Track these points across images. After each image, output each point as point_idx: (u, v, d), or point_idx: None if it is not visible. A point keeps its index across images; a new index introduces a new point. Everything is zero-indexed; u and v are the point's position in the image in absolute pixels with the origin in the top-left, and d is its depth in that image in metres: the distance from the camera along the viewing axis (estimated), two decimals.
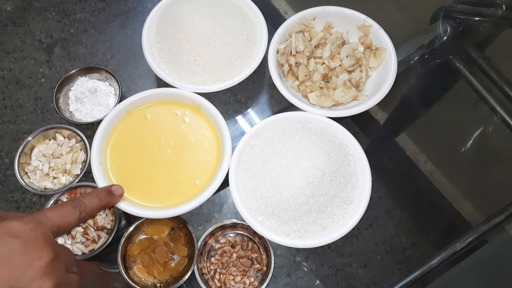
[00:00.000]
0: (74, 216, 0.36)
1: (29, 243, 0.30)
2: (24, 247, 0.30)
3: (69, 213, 0.36)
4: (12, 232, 0.30)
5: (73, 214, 0.36)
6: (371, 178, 0.49)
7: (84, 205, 0.38)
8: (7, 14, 0.70)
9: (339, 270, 0.55)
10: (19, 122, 0.62)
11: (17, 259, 0.29)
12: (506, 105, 0.60)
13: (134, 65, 0.65)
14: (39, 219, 0.33)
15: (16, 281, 0.29)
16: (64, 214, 0.36)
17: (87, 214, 0.38)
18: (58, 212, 0.35)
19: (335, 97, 0.53)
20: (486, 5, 0.62)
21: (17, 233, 0.31)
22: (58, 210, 0.35)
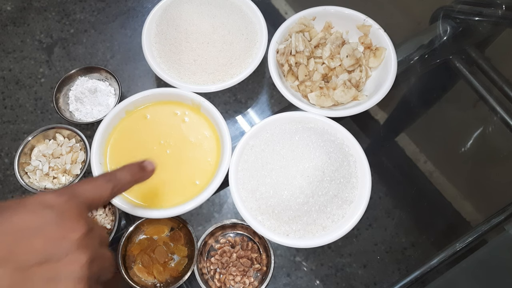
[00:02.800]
0: (107, 189, 0.35)
1: (64, 215, 0.30)
2: (59, 219, 0.29)
3: (102, 187, 0.35)
4: (46, 204, 0.30)
5: (106, 187, 0.35)
6: (371, 178, 0.49)
7: (117, 179, 0.36)
8: (7, 14, 0.70)
9: (339, 270, 0.55)
10: (19, 122, 0.62)
11: (52, 231, 0.28)
12: (506, 105, 0.60)
13: (134, 65, 0.65)
14: (73, 192, 0.32)
15: (51, 253, 0.28)
16: (98, 187, 0.34)
17: (119, 188, 0.37)
18: (92, 185, 0.34)
19: (335, 97, 0.53)
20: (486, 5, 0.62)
21: (52, 205, 0.30)
22: (91, 183, 0.34)
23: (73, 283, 0.28)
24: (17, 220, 0.28)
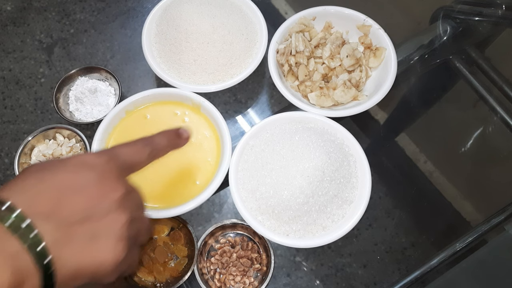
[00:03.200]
0: (145, 153, 0.35)
1: (104, 175, 0.30)
2: (100, 179, 0.29)
3: (140, 151, 0.35)
4: (87, 164, 0.30)
5: (144, 152, 0.35)
6: (371, 178, 0.49)
7: (154, 144, 0.36)
8: (7, 14, 0.70)
9: (339, 270, 0.55)
10: (19, 122, 0.62)
11: (93, 190, 0.29)
12: (506, 105, 0.60)
13: (134, 65, 0.65)
14: (112, 153, 0.32)
15: (92, 211, 0.28)
16: (136, 151, 0.35)
17: (156, 153, 0.37)
18: (130, 149, 0.34)
19: (335, 97, 0.53)
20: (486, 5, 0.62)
21: (92, 165, 0.30)
22: (130, 146, 0.34)
23: (114, 241, 0.29)
24: (60, 178, 0.28)
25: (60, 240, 0.26)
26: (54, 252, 0.26)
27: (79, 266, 0.27)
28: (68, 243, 0.27)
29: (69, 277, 0.27)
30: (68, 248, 0.27)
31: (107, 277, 0.30)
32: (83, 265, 0.27)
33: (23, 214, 0.26)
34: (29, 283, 0.25)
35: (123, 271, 0.31)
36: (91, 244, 0.28)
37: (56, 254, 0.26)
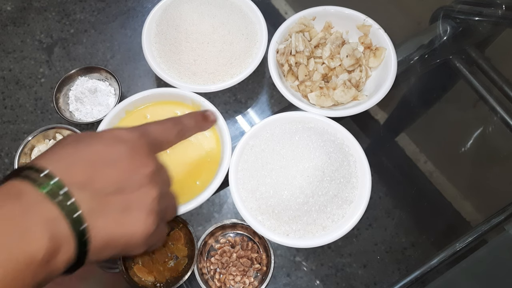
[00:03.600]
0: (173, 133, 0.36)
1: (136, 151, 0.30)
2: (132, 153, 0.30)
3: (169, 129, 0.36)
4: (120, 139, 0.31)
5: (173, 131, 0.36)
6: (371, 178, 0.49)
7: (182, 124, 0.37)
8: (7, 14, 0.70)
9: (339, 270, 0.55)
10: (19, 122, 0.62)
11: (126, 164, 0.29)
12: (506, 105, 0.60)
13: (134, 65, 0.65)
14: (143, 130, 0.33)
15: (125, 184, 0.29)
16: (165, 129, 0.35)
17: (184, 133, 0.37)
18: (160, 127, 0.35)
19: (335, 97, 0.53)
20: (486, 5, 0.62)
21: (125, 140, 0.31)
22: (160, 125, 0.35)
23: (145, 214, 0.29)
24: (95, 150, 0.29)
25: (94, 209, 0.27)
26: (89, 220, 0.27)
27: (111, 236, 0.28)
28: (102, 213, 0.27)
29: (101, 246, 0.28)
30: (102, 218, 0.27)
31: (137, 249, 0.30)
32: (115, 235, 0.28)
33: (61, 182, 0.26)
34: (64, 249, 0.26)
35: (151, 245, 0.32)
36: (123, 216, 0.28)
37: (91, 223, 0.27)
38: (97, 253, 0.28)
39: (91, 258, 0.28)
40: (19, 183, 0.26)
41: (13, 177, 0.27)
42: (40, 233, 0.24)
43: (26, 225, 0.24)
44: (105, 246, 0.28)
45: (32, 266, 0.24)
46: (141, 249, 0.31)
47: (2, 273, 0.23)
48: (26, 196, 0.25)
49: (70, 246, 0.26)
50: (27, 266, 0.24)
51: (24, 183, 0.26)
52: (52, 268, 0.25)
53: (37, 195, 0.25)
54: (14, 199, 0.25)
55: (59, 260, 0.25)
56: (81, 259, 0.27)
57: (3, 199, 0.25)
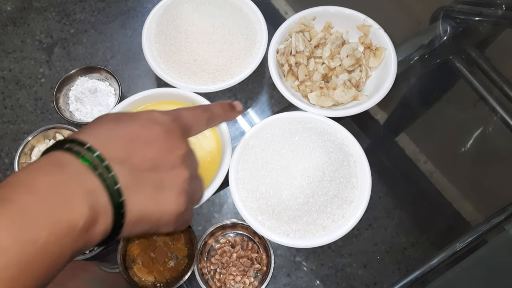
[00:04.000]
0: (204, 119, 0.37)
1: (170, 133, 0.32)
2: (167, 135, 0.31)
3: (200, 116, 0.37)
4: (156, 120, 0.32)
5: (203, 117, 0.37)
6: (371, 178, 0.49)
7: (211, 111, 0.38)
8: (7, 14, 0.70)
9: (339, 270, 0.55)
10: (19, 122, 0.62)
11: (161, 144, 0.31)
12: (506, 105, 0.60)
13: (134, 65, 0.65)
14: (176, 114, 0.34)
15: (160, 163, 0.30)
16: (196, 115, 0.36)
17: (212, 121, 0.38)
18: (191, 112, 0.36)
19: (335, 97, 0.53)
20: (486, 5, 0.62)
21: (160, 122, 0.32)
22: (191, 110, 0.36)
23: (177, 193, 0.31)
24: (132, 129, 0.30)
25: (131, 184, 0.28)
26: (126, 194, 0.28)
27: (145, 211, 0.29)
28: (138, 189, 0.28)
29: (135, 220, 0.29)
30: (138, 193, 0.28)
31: (166, 227, 0.31)
32: (149, 211, 0.29)
33: (102, 155, 0.27)
34: (102, 220, 0.26)
35: (178, 225, 0.33)
36: (157, 193, 0.30)
37: (127, 197, 0.28)
38: (130, 227, 0.29)
39: (125, 232, 0.29)
40: (62, 154, 0.27)
41: (55, 149, 0.28)
42: (81, 202, 0.25)
43: (68, 193, 0.25)
44: (138, 220, 0.29)
45: (72, 233, 0.25)
46: (170, 227, 0.32)
47: (45, 237, 0.23)
48: (69, 167, 0.26)
49: (108, 218, 0.27)
50: (68, 233, 0.24)
51: (67, 154, 0.27)
52: (89, 238, 0.26)
53: (79, 167, 0.27)
54: (58, 168, 0.26)
55: (97, 230, 0.26)
56: (116, 231, 0.28)
57: (48, 168, 0.26)
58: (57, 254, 0.24)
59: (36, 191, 0.24)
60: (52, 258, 0.24)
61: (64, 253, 0.25)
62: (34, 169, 0.26)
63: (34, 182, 0.25)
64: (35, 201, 0.24)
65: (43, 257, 0.23)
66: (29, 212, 0.23)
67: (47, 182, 0.25)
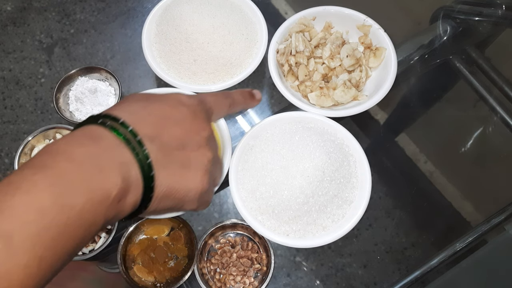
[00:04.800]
0: (226, 105, 0.38)
1: (196, 115, 0.33)
2: (193, 117, 0.33)
3: (222, 101, 0.38)
4: (182, 102, 0.33)
5: (225, 103, 0.38)
6: (371, 178, 0.49)
7: (232, 98, 0.39)
8: (7, 14, 0.70)
9: (339, 270, 0.55)
10: (19, 122, 0.62)
11: (188, 125, 0.32)
12: (506, 105, 0.60)
13: (134, 65, 0.65)
14: (201, 98, 0.35)
15: (187, 142, 0.32)
16: (219, 100, 0.37)
17: (234, 107, 0.39)
18: (214, 98, 0.37)
19: (335, 97, 0.53)
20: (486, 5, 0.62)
21: (187, 104, 0.33)
22: (214, 96, 0.37)
23: (201, 172, 0.32)
24: (161, 109, 0.32)
25: (160, 160, 0.29)
26: (155, 169, 0.29)
27: (172, 187, 0.30)
28: (166, 165, 0.30)
29: (162, 195, 0.30)
30: (166, 169, 0.30)
31: (190, 205, 0.33)
32: (176, 187, 0.30)
33: (135, 131, 0.29)
34: (133, 192, 0.28)
35: (199, 205, 0.34)
36: (183, 171, 0.31)
37: (157, 172, 0.29)
38: (158, 201, 0.30)
39: (152, 206, 0.30)
40: (97, 128, 0.28)
41: (89, 123, 0.29)
42: (115, 173, 0.26)
43: (103, 164, 0.26)
44: (165, 195, 0.30)
45: (106, 202, 0.26)
46: (193, 205, 0.33)
47: (82, 203, 0.24)
48: (103, 140, 0.28)
49: (138, 190, 0.28)
50: (102, 201, 0.26)
51: (101, 128, 0.28)
52: (120, 208, 0.27)
53: (114, 140, 0.28)
54: (92, 141, 0.27)
55: (127, 202, 0.28)
56: (145, 205, 0.29)
57: (83, 140, 0.27)
58: (91, 221, 0.25)
59: (74, 159, 0.26)
60: (87, 224, 0.25)
61: (97, 221, 0.26)
62: (70, 140, 0.27)
63: (71, 151, 0.26)
64: (73, 169, 0.25)
65: (80, 222, 0.25)
66: (67, 179, 0.25)
67: (83, 152, 0.26)
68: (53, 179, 0.24)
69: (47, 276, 0.24)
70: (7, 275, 0.22)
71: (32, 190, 0.23)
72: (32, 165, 0.25)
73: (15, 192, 0.23)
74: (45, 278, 0.24)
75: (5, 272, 0.22)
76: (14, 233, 0.22)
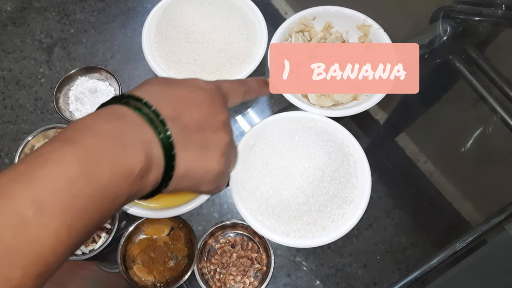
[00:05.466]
0: (241, 91, 0.40)
1: (214, 99, 0.34)
2: (211, 101, 0.34)
3: (238, 88, 0.39)
4: (201, 87, 0.34)
5: (241, 89, 0.39)
6: (371, 178, 0.49)
7: (248, 85, 0.41)
8: (7, 14, 0.70)
9: (339, 270, 0.55)
10: (19, 122, 0.62)
11: (206, 108, 0.33)
12: (506, 105, 0.60)
13: (134, 65, 0.65)
14: (217, 84, 0.36)
15: (205, 125, 0.33)
16: (235, 87, 0.39)
17: (248, 94, 0.41)
18: (230, 84, 0.38)
19: (335, 97, 0.53)
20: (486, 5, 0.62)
21: (205, 89, 0.35)
22: (229, 82, 0.39)
23: (219, 154, 0.33)
24: (182, 93, 0.33)
25: (180, 141, 0.30)
26: (176, 149, 0.30)
27: (191, 167, 0.31)
28: (186, 145, 0.31)
29: (182, 174, 0.31)
30: (186, 150, 0.31)
31: (207, 186, 0.34)
32: (195, 167, 0.32)
33: (158, 111, 0.30)
34: (155, 169, 0.29)
35: (216, 187, 0.36)
36: (202, 152, 0.32)
37: (177, 151, 0.30)
38: (177, 180, 0.31)
39: (171, 185, 0.31)
40: (121, 107, 0.29)
41: (113, 103, 0.30)
42: (138, 150, 0.28)
43: (128, 140, 0.27)
44: (185, 175, 0.31)
45: (130, 177, 0.27)
46: (210, 186, 0.34)
47: (108, 176, 0.26)
48: (127, 118, 0.29)
49: (160, 168, 0.29)
50: (126, 176, 0.27)
51: (125, 108, 0.29)
52: (142, 185, 0.28)
53: (137, 119, 0.29)
54: (118, 118, 0.28)
55: (149, 179, 0.29)
56: (165, 183, 0.30)
57: (108, 118, 0.28)
58: (115, 195, 0.26)
59: (100, 135, 0.27)
60: (112, 197, 0.26)
61: (121, 195, 0.27)
62: (96, 117, 0.28)
63: (97, 127, 0.27)
64: (100, 143, 0.26)
65: (106, 195, 0.26)
66: (94, 153, 0.26)
67: (109, 129, 0.27)
68: (81, 152, 0.25)
69: (75, 245, 0.25)
70: (39, 240, 0.22)
71: (61, 162, 0.24)
72: (60, 139, 0.26)
73: (45, 163, 0.24)
74: (73, 246, 0.25)
75: (38, 236, 0.22)
76: (46, 201, 0.23)
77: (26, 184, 0.23)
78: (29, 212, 0.22)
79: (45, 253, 0.23)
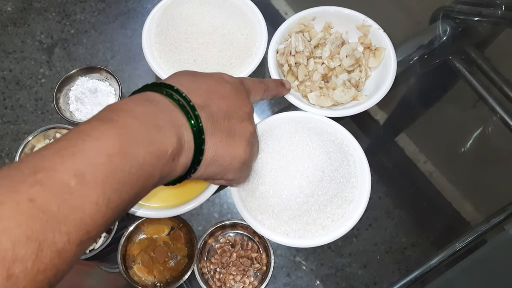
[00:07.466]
0: (262, 89, 0.42)
1: (239, 92, 0.36)
2: (237, 93, 0.36)
3: (258, 85, 0.41)
4: (226, 80, 0.36)
5: (261, 87, 0.41)
6: (371, 178, 0.49)
7: (266, 84, 0.43)
8: (7, 15, 0.70)
9: (339, 270, 0.55)
10: (19, 122, 0.62)
11: (233, 99, 0.35)
12: (506, 105, 0.60)
13: (134, 65, 0.65)
14: (241, 79, 0.39)
15: (232, 114, 0.35)
16: (255, 84, 0.41)
17: (268, 92, 0.43)
18: (252, 81, 0.40)
19: (335, 97, 0.53)
20: (486, 5, 0.62)
21: (230, 82, 0.36)
22: (251, 80, 0.40)
23: (245, 143, 0.35)
24: (209, 84, 0.35)
25: (209, 127, 0.32)
26: (205, 135, 0.32)
27: (219, 153, 0.33)
28: (214, 132, 0.33)
29: (210, 160, 0.33)
30: (214, 136, 0.32)
31: (232, 173, 0.35)
32: (222, 153, 0.33)
33: (188, 98, 0.31)
34: (185, 153, 0.30)
35: (240, 176, 0.37)
36: (229, 139, 0.34)
37: (206, 137, 0.32)
38: (205, 166, 0.33)
39: (200, 170, 0.32)
40: (153, 94, 0.31)
41: (146, 90, 0.32)
42: (171, 133, 0.29)
43: (161, 123, 0.29)
44: (212, 160, 0.33)
45: (163, 157, 0.28)
46: (235, 175, 0.36)
47: (143, 154, 0.27)
48: (160, 103, 0.30)
49: (190, 152, 0.31)
50: (159, 156, 0.28)
51: (158, 94, 0.31)
52: (174, 167, 0.30)
53: (169, 104, 0.31)
54: (151, 103, 0.30)
55: (180, 162, 0.30)
56: (194, 167, 0.32)
57: (142, 102, 0.30)
58: (149, 173, 0.27)
59: (136, 116, 0.28)
60: (146, 175, 0.27)
61: (154, 175, 0.28)
62: (130, 102, 0.30)
63: (133, 109, 0.28)
64: (136, 124, 0.28)
65: (141, 173, 0.27)
66: (131, 132, 0.27)
67: (144, 111, 0.29)
68: (119, 130, 0.26)
69: (112, 217, 0.26)
70: (81, 208, 0.24)
71: (101, 138, 0.26)
72: (99, 118, 0.27)
73: (86, 139, 0.25)
74: (111, 219, 0.26)
75: (80, 205, 0.23)
76: (87, 173, 0.24)
77: (68, 158, 0.24)
78: (72, 183, 0.23)
79: (87, 221, 0.24)
